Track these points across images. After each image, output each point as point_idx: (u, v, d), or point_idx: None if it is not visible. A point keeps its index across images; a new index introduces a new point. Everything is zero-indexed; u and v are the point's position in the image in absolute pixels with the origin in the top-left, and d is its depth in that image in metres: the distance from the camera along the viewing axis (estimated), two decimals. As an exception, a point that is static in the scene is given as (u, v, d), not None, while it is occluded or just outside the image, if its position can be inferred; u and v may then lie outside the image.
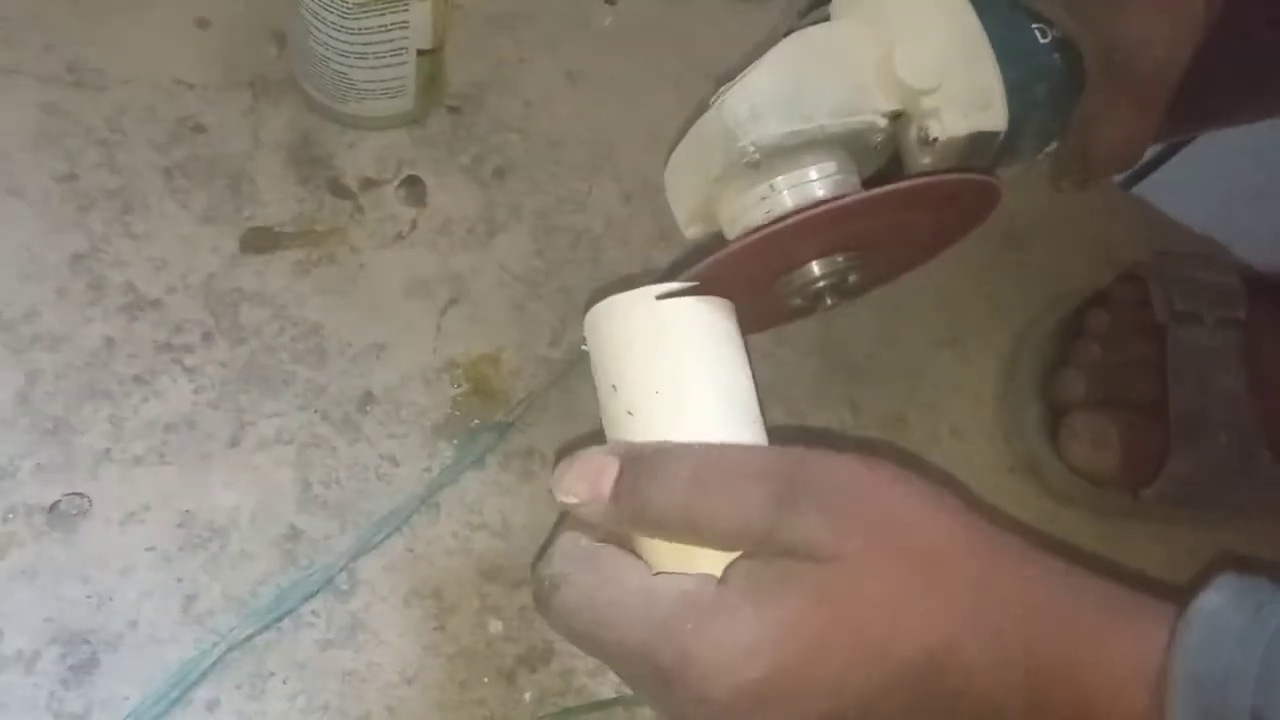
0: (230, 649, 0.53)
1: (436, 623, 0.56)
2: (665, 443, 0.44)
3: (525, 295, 0.65)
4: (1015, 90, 0.49)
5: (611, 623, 0.41)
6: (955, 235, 0.54)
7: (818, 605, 0.39)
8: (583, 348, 0.49)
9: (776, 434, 0.47)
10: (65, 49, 0.66)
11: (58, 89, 0.65)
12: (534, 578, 0.44)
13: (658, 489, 0.42)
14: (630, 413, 0.45)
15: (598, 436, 0.61)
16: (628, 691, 0.56)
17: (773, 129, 0.47)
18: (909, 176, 0.49)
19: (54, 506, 0.55)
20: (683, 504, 0.41)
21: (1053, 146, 0.53)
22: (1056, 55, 0.51)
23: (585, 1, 0.76)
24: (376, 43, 0.62)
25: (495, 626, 0.56)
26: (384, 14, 0.60)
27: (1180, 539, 0.67)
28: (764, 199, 0.49)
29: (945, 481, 0.48)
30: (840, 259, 0.50)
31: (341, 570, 0.56)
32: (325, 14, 0.60)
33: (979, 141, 0.49)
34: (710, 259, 0.47)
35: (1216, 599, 0.39)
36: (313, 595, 0.55)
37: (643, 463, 0.43)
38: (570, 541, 0.44)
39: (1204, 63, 0.50)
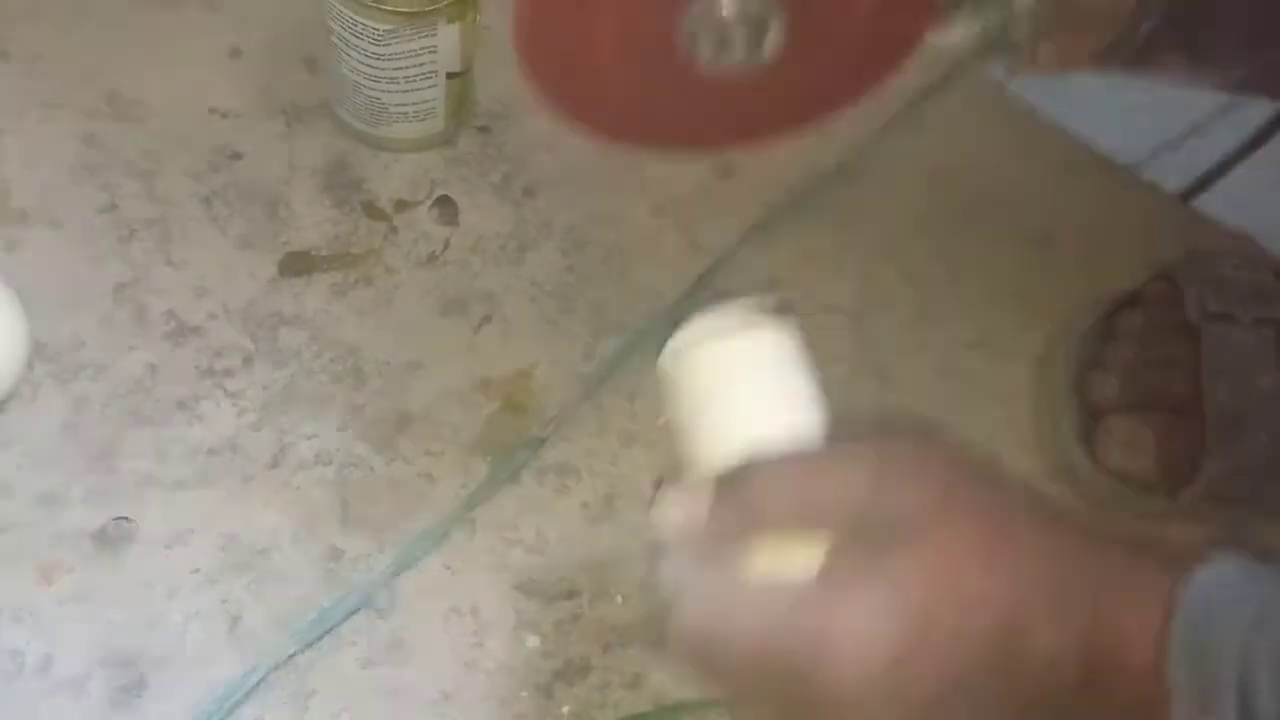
0: (274, 668, 0.54)
1: (475, 639, 0.57)
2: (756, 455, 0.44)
3: (557, 311, 0.66)
4: None
5: (739, 618, 0.40)
6: (895, 40, 0.48)
7: (927, 564, 0.40)
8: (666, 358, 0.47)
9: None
10: (102, 81, 0.67)
11: (96, 121, 0.66)
12: (646, 600, 0.44)
13: (761, 478, 0.42)
14: (721, 434, 0.45)
15: (630, 447, 0.62)
16: (666, 705, 0.56)
17: None
18: None
19: (101, 531, 0.56)
20: (789, 485, 0.42)
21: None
22: None
23: (611, 17, 0.76)
24: (406, 67, 0.63)
25: (533, 641, 0.57)
26: (413, 39, 0.61)
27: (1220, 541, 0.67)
28: None
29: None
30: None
31: (381, 588, 0.57)
32: (355, 41, 0.61)
33: None
34: None
35: (1212, 571, 0.40)
36: (353, 614, 0.56)
37: (739, 467, 0.43)
38: (674, 561, 0.43)
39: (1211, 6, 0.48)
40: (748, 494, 0.42)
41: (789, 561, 0.41)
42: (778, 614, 0.40)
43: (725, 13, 0.44)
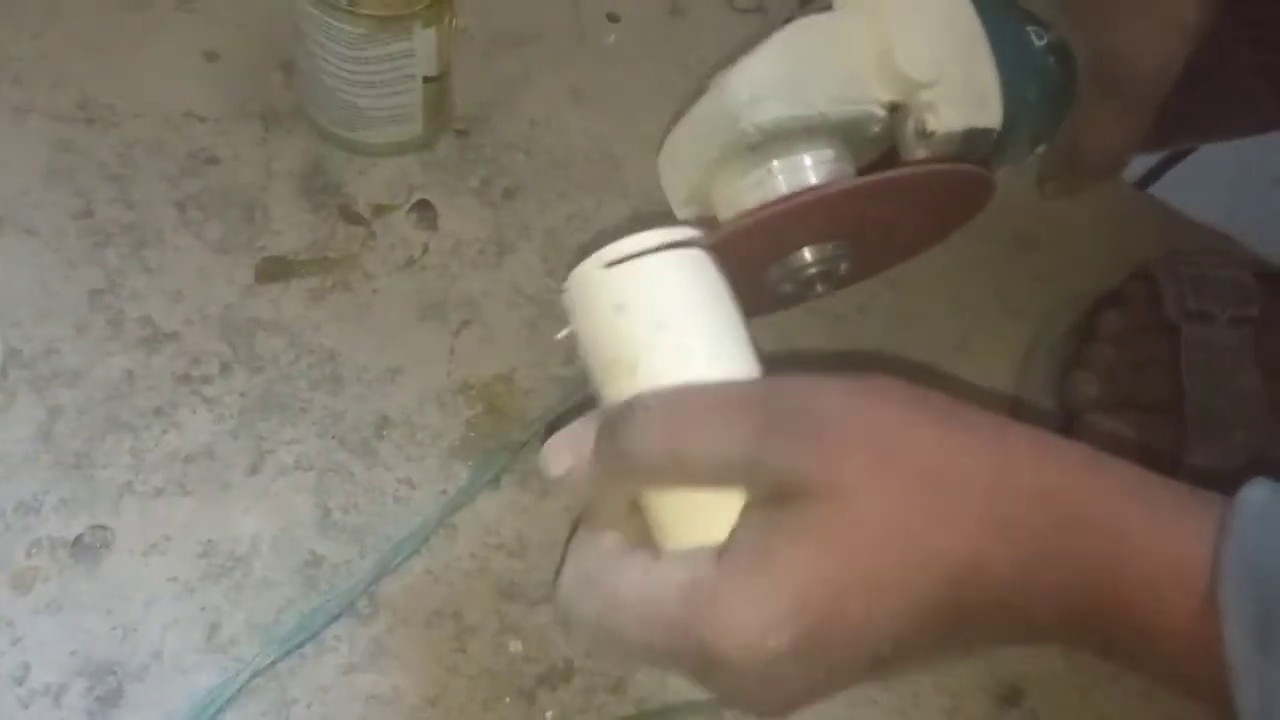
0: (254, 676, 0.54)
1: (457, 644, 0.56)
2: (639, 394, 0.42)
3: (537, 315, 0.65)
4: (1008, 90, 0.50)
5: (627, 639, 0.40)
6: (948, 228, 0.54)
7: (825, 554, 0.37)
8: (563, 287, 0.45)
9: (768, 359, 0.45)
10: (75, 86, 0.67)
11: (69, 126, 0.66)
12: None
13: (634, 433, 0.40)
14: (687, 350, 0.42)
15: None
16: (649, 709, 0.56)
17: (773, 112, 0.47)
18: (904, 163, 0.49)
19: (78, 540, 0.55)
20: (661, 443, 0.40)
21: (1041, 149, 0.54)
22: (1051, 59, 0.51)
23: (588, 19, 0.76)
24: (382, 71, 0.63)
25: (515, 646, 0.57)
26: (389, 43, 0.61)
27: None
28: (760, 183, 0.49)
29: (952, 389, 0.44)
30: (831, 247, 0.50)
31: (362, 594, 0.56)
32: (331, 44, 0.61)
33: (974, 138, 0.50)
34: (707, 241, 0.45)
35: (1260, 491, 0.37)
36: (334, 620, 0.56)
37: (617, 414, 0.41)
38: (567, 573, 0.43)
39: (1190, 80, 0.50)
40: (627, 439, 0.40)
41: (673, 563, 0.40)
42: (661, 632, 0.39)
43: (808, 271, 0.50)
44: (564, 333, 0.45)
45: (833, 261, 0.50)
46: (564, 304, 0.45)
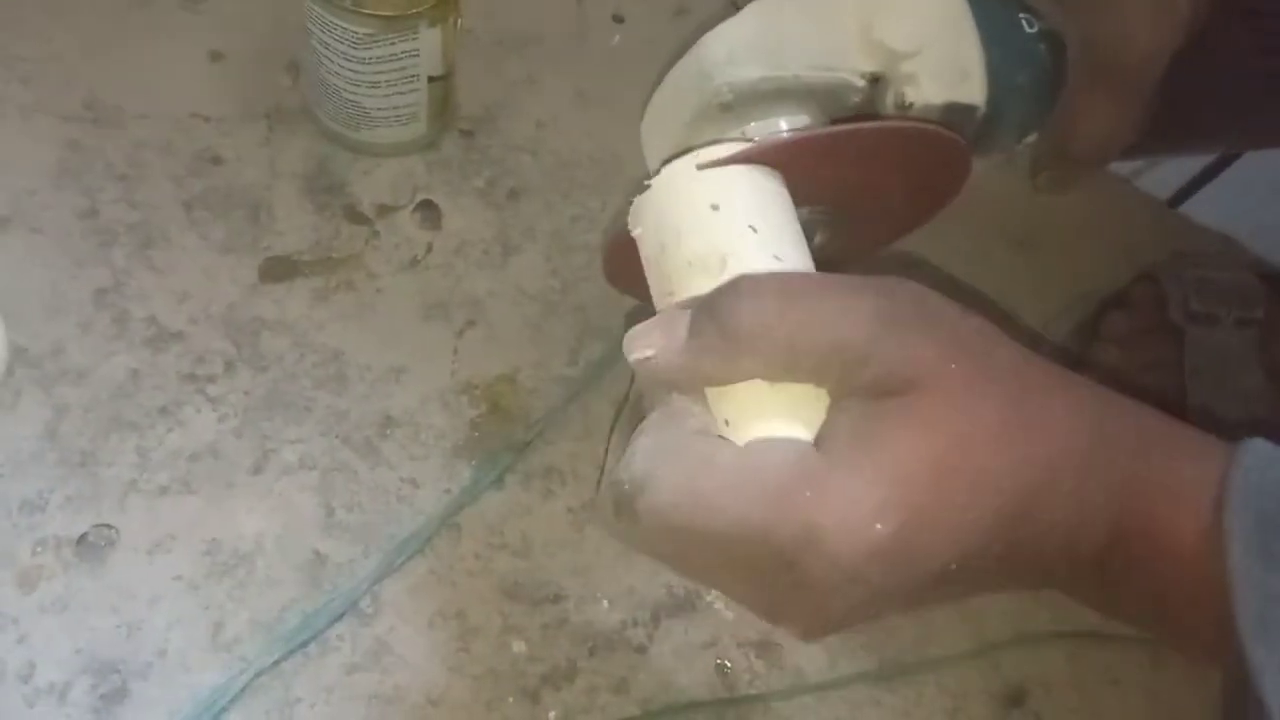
0: (258, 675, 0.54)
1: (460, 644, 0.56)
2: (744, 275, 0.40)
3: (541, 315, 0.66)
4: (996, 73, 0.49)
5: (719, 506, 0.37)
6: (926, 205, 0.53)
7: (932, 436, 0.37)
8: (646, 184, 0.45)
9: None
10: (82, 86, 0.67)
11: (76, 126, 0.66)
12: (608, 490, 0.40)
13: (745, 310, 0.38)
14: (779, 258, 0.43)
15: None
16: (653, 710, 0.56)
17: (748, 72, 0.46)
18: (872, 117, 0.49)
19: (82, 538, 0.56)
20: (773, 319, 0.38)
21: (1032, 138, 0.54)
22: (1042, 46, 0.51)
23: (593, 20, 0.76)
24: (387, 71, 0.63)
25: (519, 646, 0.57)
26: (394, 43, 0.61)
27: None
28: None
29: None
30: (805, 212, 0.49)
31: (365, 594, 0.57)
32: (336, 45, 0.61)
33: (955, 114, 0.49)
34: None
35: (1264, 441, 0.39)
36: (338, 619, 0.56)
37: (721, 294, 0.39)
38: (647, 442, 0.39)
39: (1196, 84, 0.50)
40: (729, 322, 0.38)
41: (769, 443, 0.38)
42: (764, 503, 0.37)
43: None
44: (637, 230, 0.46)
45: (806, 227, 0.49)
46: (635, 208, 0.46)
